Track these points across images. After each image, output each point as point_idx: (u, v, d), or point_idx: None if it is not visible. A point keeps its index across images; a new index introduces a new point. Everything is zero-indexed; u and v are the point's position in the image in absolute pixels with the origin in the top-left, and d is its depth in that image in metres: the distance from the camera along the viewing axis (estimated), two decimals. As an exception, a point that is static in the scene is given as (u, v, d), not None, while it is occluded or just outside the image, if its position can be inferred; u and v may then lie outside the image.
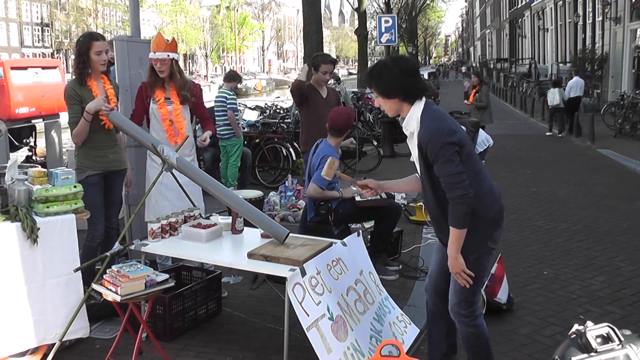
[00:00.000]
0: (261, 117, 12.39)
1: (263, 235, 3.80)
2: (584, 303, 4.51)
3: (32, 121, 7.98)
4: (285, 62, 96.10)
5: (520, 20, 39.69)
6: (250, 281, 4.77)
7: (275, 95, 33.65)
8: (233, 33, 62.32)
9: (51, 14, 51.73)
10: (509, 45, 45.62)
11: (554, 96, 14.89)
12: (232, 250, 3.77)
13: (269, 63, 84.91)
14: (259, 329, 3.98)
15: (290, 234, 3.68)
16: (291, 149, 9.15)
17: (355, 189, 3.41)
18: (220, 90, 8.42)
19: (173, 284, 3.34)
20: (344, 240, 3.76)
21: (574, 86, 14.94)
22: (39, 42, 51.73)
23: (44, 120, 7.85)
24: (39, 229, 3.39)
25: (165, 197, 4.54)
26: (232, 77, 8.38)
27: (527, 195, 8.41)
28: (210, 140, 4.69)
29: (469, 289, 2.92)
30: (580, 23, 23.95)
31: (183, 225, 3.90)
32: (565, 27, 27.15)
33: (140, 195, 4.67)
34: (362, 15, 24.83)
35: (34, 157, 9.05)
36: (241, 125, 8.79)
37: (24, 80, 7.40)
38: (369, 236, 5.07)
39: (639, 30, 18.03)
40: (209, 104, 8.67)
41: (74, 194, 3.62)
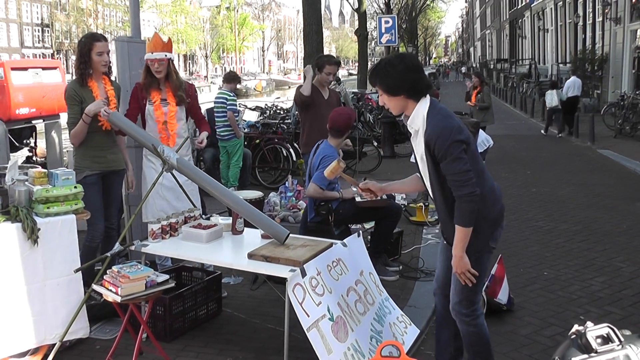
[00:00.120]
0: (261, 118, 12.39)
1: (263, 236, 3.80)
2: (584, 304, 4.51)
3: (33, 122, 7.98)
4: (286, 63, 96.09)
5: (520, 20, 39.69)
6: (250, 282, 4.77)
7: (275, 95, 33.64)
8: (233, 33, 62.36)
9: (51, 15, 51.73)
10: (509, 45, 45.61)
11: (552, 98, 14.97)
12: (233, 251, 3.77)
13: (269, 64, 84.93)
14: (259, 330, 3.98)
15: (290, 235, 3.68)
16: (291, 150, 9.15)
17: (356, 190, 3.40)
18: (220, 91, 8.42)
19: (173, 285, 3.34)
20: (344, 240, 3.76)
21: (571, 86, 15.00)
22: (39, 43, 51.73)
23: (44, 121, 7.85)
24: (39, 229, 3.39)
25: (164, 197, 4.53)
26: (232, 78, 8.38)
27: (527, 195, 8.41)
28: (207, 140, 4.68)
29: (471, 288, 2.92)
30: (581, 23, 23.94)
31: (183, 226, 3.90)
32: (566, 28, 27.15)
33: (140, 196, 4.67)
34: (362, 16, 24.83)
35: (34, 158, 9.05)
36: (241, 126, 8.78)
37: (25, 80, 7.40)
38: (369, 237, 5.07)
39: (639, 30, 18.03)
40: (209, 104, 8.70)
41: (74, 195, 3.62)
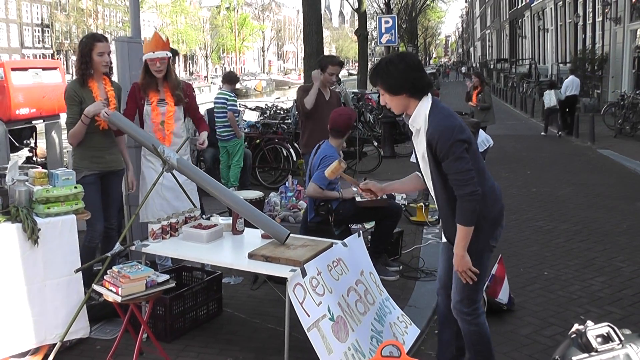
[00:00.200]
0: (261, 118, 12.39)
1: (263, 236, 3.80)
2: (585, 303, 4.51)
3: (33, 122, 7.97)
4: (286, 63, 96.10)
5: (520, 20, 39.69)
6: (250, 282, 4.77)
7: (275, 96, 33.69)
8: (233, 34, 62.40)
9: (51, 15, 51.74)
10: (509, 45, 45.60)
11: (550, 98, 15.01)
12: (233, 251, 3.77)
13: (269, 64, 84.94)
14: (259, 330, 3.98)
15: (290, 235, 3.68)
16: (291, 150, 9.15)
17: (356, 190, 3.40)
18: (220, 91, 8.41)
19: (174, 285, 3.34)
20: (345, 240, 3.76)
21: (570, 85, 15.04)
22: (39, 43, 51.73)
23: (44, 121, 7.84)
24: (39, 229, 3.39)
25: (163, 197, 4.52)
26: (231, 79, 8.38)
27: (528, 195, 8.41)
28: (207, 140, 4.68)
29: (472, 287, 2.93)
30: (581, 23, 23.94)
31: (184, 226, 3.90)
32: (566, 28, 27.15)
33: (139, 196, 4.66)
34: (362, 16, 24.83)
35: (34, 158, 9.04)
36: (242, 126, 8.78)
37: (25, 81, 7.39)
38: (370, 237, 5.07)
39: (639, 30, 18.03)
40: (209, 105, 8.70)
41: (74, 195, 3.62)
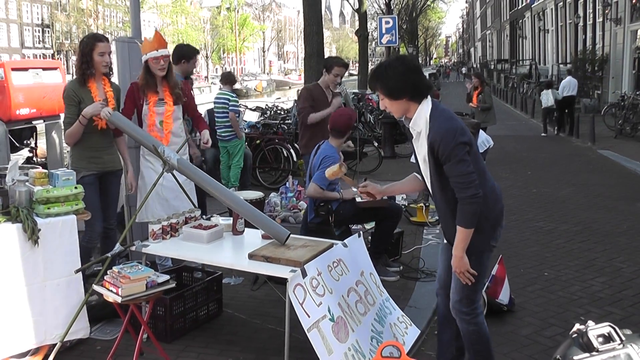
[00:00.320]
0: (262, 118, 12.39)
1: (264, 237, 3.80)
2: (585, 304, 4.51)
3: (33, 122, 7.96)
4: (286, 63, 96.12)
5: (520, 21, 39.69)
6: (251, 282, 4.77)
7: (275, 96, 33.68)
8: (234, 34, 62.43)
9: (52, 15, 51.78)
10: (510, 46, 45.62)
11: (547, 97, 15.10)
12: (233, 251, 3.77)
13: (269, 64, 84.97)
14: (259, 330, 3.98)
15: (291, 235, 3.68)
16: (292, 150, 9.15)
17: (356, 190, 3.40)
18: (220, 92, 8.40)
19: (174, 285, 3.34)
20: (345, 241, 3.76)
21: (567, 86, 15.10)
22: (39, 43, 51.77)
23: (44, 122, 7.83)
24: (39, 230, 3.39)
25: (163, 197, 4.51)
26: (230, 79, 8.39)
27: (528, 196, 8.41)
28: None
29: (471, 287, 2.93)
30: (581, 24, 23.94)
31: (184, 227, 3.90)
32: (566, 28, 27.15)
33: (140, 197, 4.66)
34: (363, 16, 24.86)
35: (34, 158, 9.04)
36: (242, 127, 8.78)
37: (25, 81, 7.38)
38: (370, 237, 5.07)
39: (639, 31, 18.03)
40: (209, 105, 8.69)
41: (74, 195, 3.62)
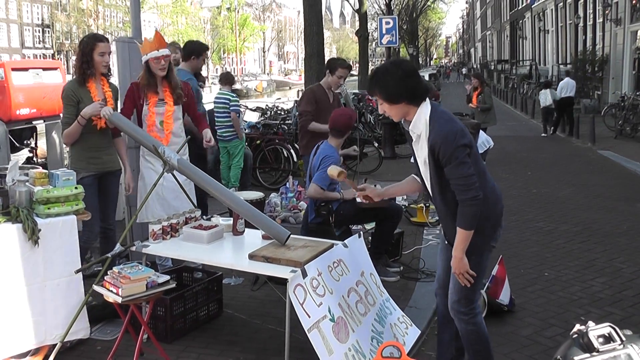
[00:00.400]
0: (262, 119, 12.39)
1: (264, 237, 3.80)
2: (585, 304, 4.51)
3: (33, 122, 7.97)
4: (286, 64, 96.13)
5: (520, 21, 39.69)
6: (251, 282, 4.76)
7: (276, 96, 33.69)
8: (234, 34, 62.41)
9: (52, 15, 51.78)
10: (510, 46, 45.62)
11: (545, 97, 15.22)
12: (233, 252, 3.77)
13: (269, 64, 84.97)
14: (260, 331, 3.98)
15: (291, 235, 3.68)
16: (292, 150, 9.15)
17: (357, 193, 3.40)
18: (220, 92, 8.41)
19: (174, 286, 3.34)
20: (345, 241, 3.76)
21: (565, 87, 15.17)
22: (39, 44, 51.77)
23: (44, 122, 7.84)
24: (39, 230, 3.39)
25: (163, 197, 4.51)
26: (230, 79, 8.40)
27: (528, 196, 8.41)
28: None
29: (469, 287, 2.94)
30: (581, 24, 23.94)
31: (184, 227, 3.90)
32: (566, 29, 27.15)
33: (140, 197, 4.66)
34: (363, 17, 24.89)
35: (34, 159, 9.04)
36: (242, 127, 8.79)
37: (25, 81, 7.39)
38: (370, 238, 5.07)
39: (639, 31, 18.03)
40: (209, 105, 8.69)
41: (74, 195, 3.62)
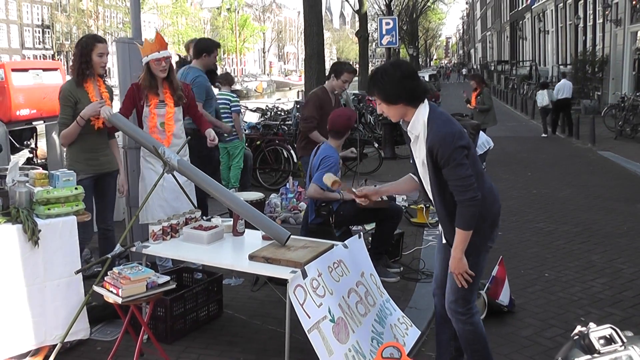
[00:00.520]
0: (262, 119, 12.39)
1: (264, 237, 3.80)
2: (585, 305, 4.51)
3: (33, 123, 7.98)
4: (286, 64, 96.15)
5: (521, 22, 39.71)
6: (251, 283, 4.76)
7: (276, 97, 33.71)
8: (234, 35, 62.45)
9: (52, 16, 51.78)
10: (510, 47, 45.64)
11: (542, 97, 15.36)
12: (233, 252, 3.76)
13: (269, 65, 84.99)
14: (260, 331, 3.97)
15: (291, 236, 3.68)
16: (292, 151, 9.14)
17: (353, 197, 3.39)
18: (220, 93, 8.40)
19: (174, 286, 3.34)
20: (345, 242, 3.76)
21: (562, 88, 15.28)
22: (39, 44, 51.77)
23: (44, 122, 7.84)
24: (39, 230, 3.38)
25: (162, 198, 4.50)
26: (229, 80, 8.40)
27: (528, 197, 8.41)
28: None
29: (467, 287, 2.94)
30: (581, 25, 23.96)
31: (184, 227, 3.90)
32: (566, 29, 27.17)
33: (140, 197, 4.66)
34: (363, 17, 24.89)
35: (34, 159, 9.05)
36: (242, 128, 8.79)
37: (25, 82, 7.40)
38: (370, 238, 5.07)
39: (639, 32, 18.03)
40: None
41: (75, 196, 3.61)
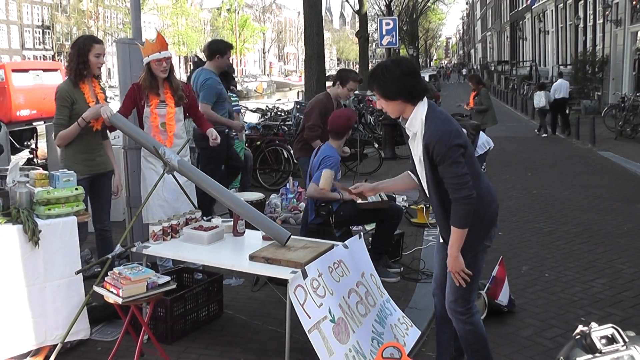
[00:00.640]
0: (262, 120, 12.40)
1: (264, 238, 3.80)
2: (585, 305, 4.51)
3: (33, 123, 8.00)
4: (287, 65, 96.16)
5: (521, 22, 39.71)
6: (251, 283, 4.77)
7: (276, 97, 33.69)
8: (234, 35, 62.44)
9: (52, 17, 51.78)
10: (510, 47, 45.64)
11: (539, 99, 15.40)
12: (234, 253, 3.76)
13: (270, 65, 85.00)
14: (260, 332, 3.98)
15: (291, 236, 3.68)
16: (292, 152, 9.14)
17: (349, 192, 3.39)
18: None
19: (175, 287, 3.34)
20: (346, 242, 3.76)
21: (558, 88, 15.36)
22: (40, 45, 51.78)
23: (45, 123, 7.86)
24: (40, 231, 3.39)
25: (163, 198, 4.51)
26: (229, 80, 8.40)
27: (528, 197, 8.40)
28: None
29: (466, 287, 2.95)
30: (581, 25, 23.96)
31: (184, 228, 3.90)
32: (566, 30, 27.17)
33: (141, 198, 4.66)
34: (363, 18, 24.89)
35: (35, 160, 9.06)
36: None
37: (25, 82, 7.42)
38: (370, 238, 5.07)
39: (639, 32, 18.03)
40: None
41: (75, 196, 3.62)
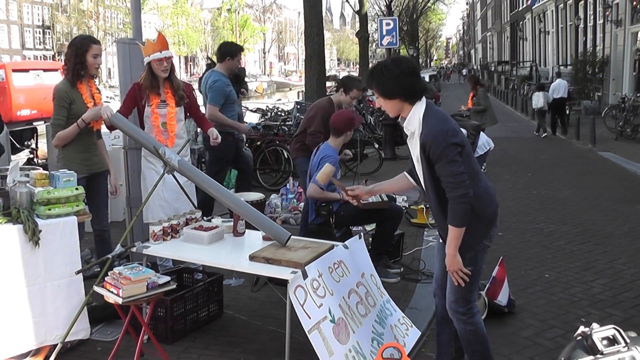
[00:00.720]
0: (262, 120, 12.40)
1: (264, 238, 3.80)
2: (585, 306, 4.51)
3: (34, 123, 8.00)
4: (287, 65, 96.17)
5: (521, 22, 39.71)
6: (251, 283, 4.77)
7: (276, 97, 33.69)
8: (234, 35, 62.45)
9: (52, 17, 51.78)
10: (510, 47, 45.64)
11: (538, 99, 15.46)
12: (234, 253, 3.76)
13: (270, 65, 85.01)
14: (260, 332, 3.98)
15: (291, 237, 3.68)
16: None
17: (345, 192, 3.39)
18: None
19: (175, 287, 3.34)
20: (346, 242, 3.76)
21: (557, 88, 15.41)
22: (40, 45, 51.79)
23: (45, 123, 7.86)
24: (40, 231, 3.39)
25: (163, 198, 4.50)
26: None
27: (528, 197, 8.40)
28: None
29: (466, 287, 2.95)
30: (582, 26, 23.95)
31: (185, 228, 3.90)
32: (567, 30, 27.16)
33: (141, 198, 4.66)
34: (364, 18, 24.88)
35: (35, 160, 9.06)
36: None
37: (26, 82, 7.41)
38: (371, 239, 5.07)
39: (639, 33, 18.03)
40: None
41: (75, 196, 3.62)
